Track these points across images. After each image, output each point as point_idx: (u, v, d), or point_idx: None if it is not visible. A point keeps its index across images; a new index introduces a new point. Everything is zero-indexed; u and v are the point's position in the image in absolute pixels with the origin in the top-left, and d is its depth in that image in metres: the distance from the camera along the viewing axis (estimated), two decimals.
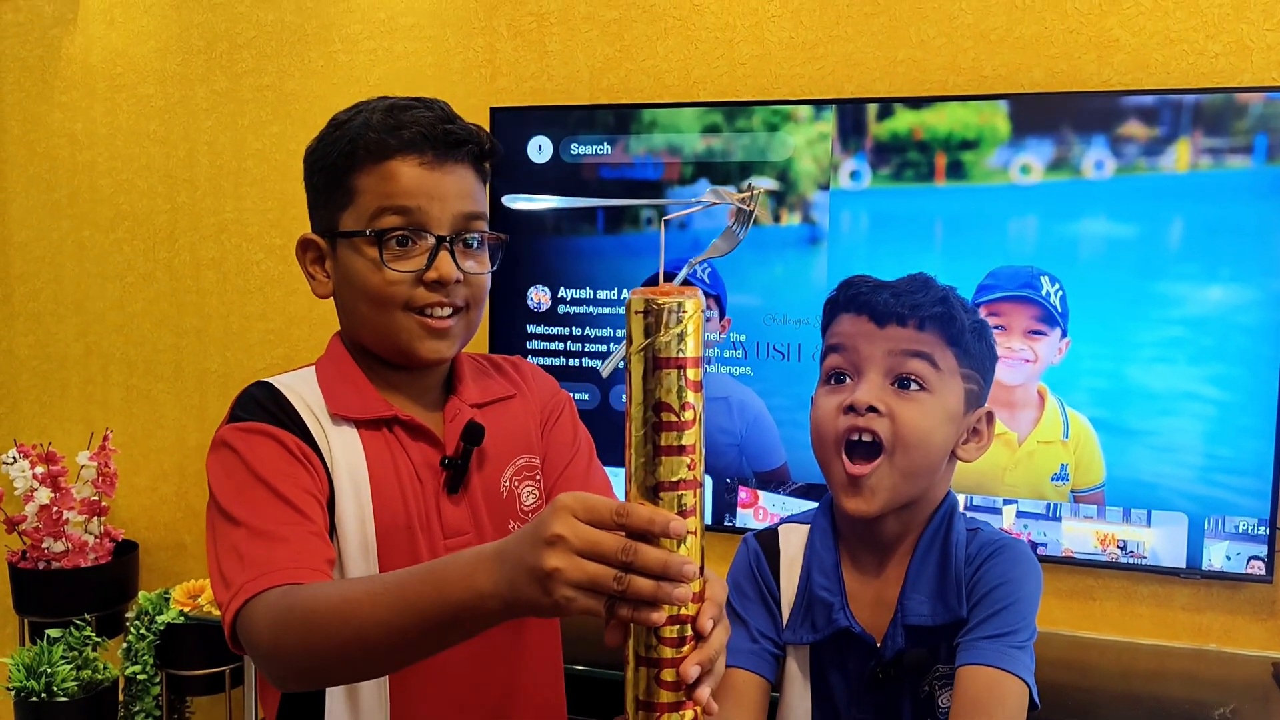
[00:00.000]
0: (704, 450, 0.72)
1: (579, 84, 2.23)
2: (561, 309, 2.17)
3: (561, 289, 2.17)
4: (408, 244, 1.04)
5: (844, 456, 1.05)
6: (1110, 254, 1.86)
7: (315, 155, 1.09)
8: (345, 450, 1.05)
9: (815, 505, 1.17)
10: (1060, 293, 1.89)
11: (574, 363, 2.16)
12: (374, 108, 1.07)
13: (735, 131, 2.04)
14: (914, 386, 1.05)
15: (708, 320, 2.07)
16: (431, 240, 1.04)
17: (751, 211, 0.77)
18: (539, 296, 2.18)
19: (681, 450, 0.70)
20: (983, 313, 1.91)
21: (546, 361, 2.17)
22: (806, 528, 1.13)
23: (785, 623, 1.11)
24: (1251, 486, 1.82)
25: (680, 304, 0.70)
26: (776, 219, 2.03)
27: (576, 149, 2.14)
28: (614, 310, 2.13)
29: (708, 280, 2.07)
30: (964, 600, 1.04)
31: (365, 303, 1.06)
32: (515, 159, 2.16)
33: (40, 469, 2.39)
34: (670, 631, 0.72)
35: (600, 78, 2.21)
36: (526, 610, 0.73)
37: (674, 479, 0.70)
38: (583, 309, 2.15)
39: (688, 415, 0.70)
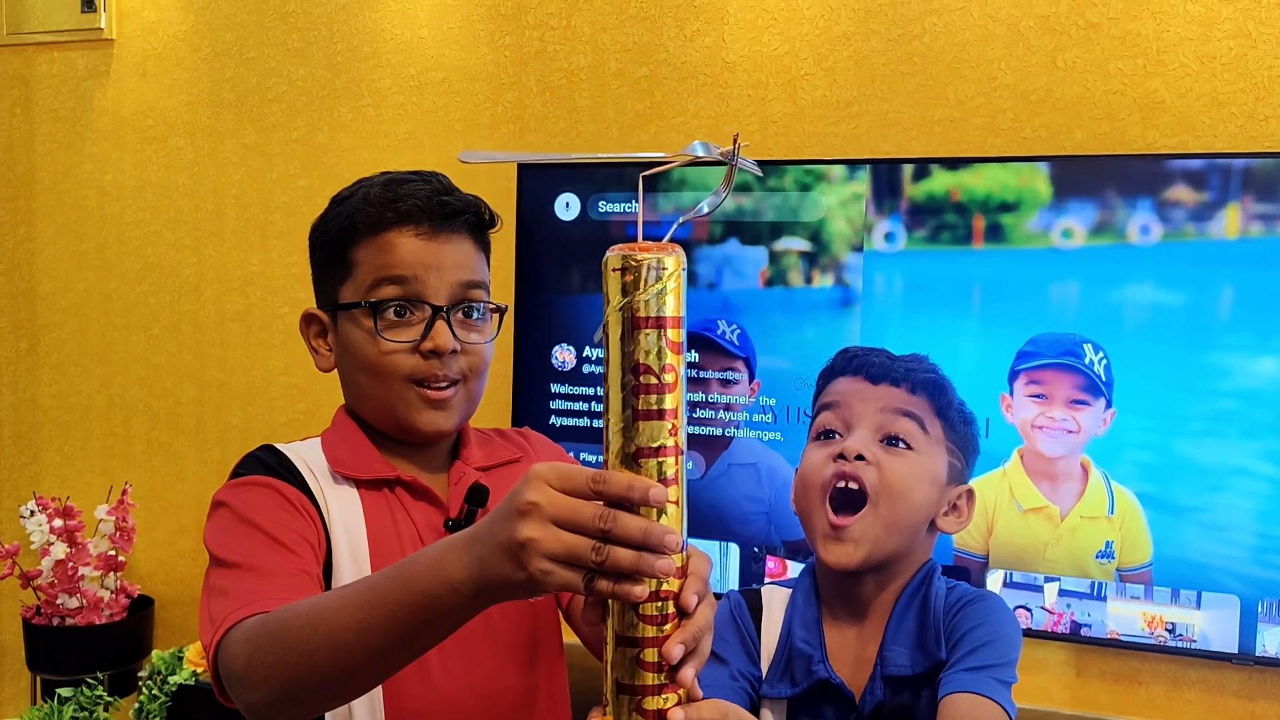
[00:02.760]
0: (686, 417, 0.69)
1: (609, 141, 2.20)
2: (586, 368, 2.12)
3: (586, 348, 2.12)
4: (405, 314, 1.04)
5: (828, 507, 1.05)
6: (1157, 322, 1.79)
7: (318, 231, 1.11)
8: (344, 509, 1.03)
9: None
10: (1104, 361, 1.81)
11: (599, 424, 2.10)
12: (373, 182, 1.08)
13: (766, 191, 2.00)
14: (901, 445, 1.06)
15: (735, 382, 2.01)
16: (429, 311, 1.04)
17: (733, 164, 0.73)
18: (563, 355, 2.13)
19: (662, 414, 0.66)
20: (1023, 380, 1.88)
21: (571, 422, 2.12)
22: (789, 591, 1.14)
23: (764, 676, 1.10)
24: None
25: (659, 260, 0.67)
26: (808, 280, 1.97)
27: (604, 206, 2.10)
28: None
29: (737, 342, 2.01)
30: (943, 644, 1.04)
31: (364, 374, 1.06)
32: (542, 216, 2.13)
33: (58, 522, 2.36)
34: (651, 609, 0.68)
35: (630, 134, 2.18)
36: (500, 591, 0.69)
37: (654, 445, 0.66)
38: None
39: (668, 378, 0.67)
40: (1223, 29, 1.82)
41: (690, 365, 2.04)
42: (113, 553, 2.42)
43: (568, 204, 2.13)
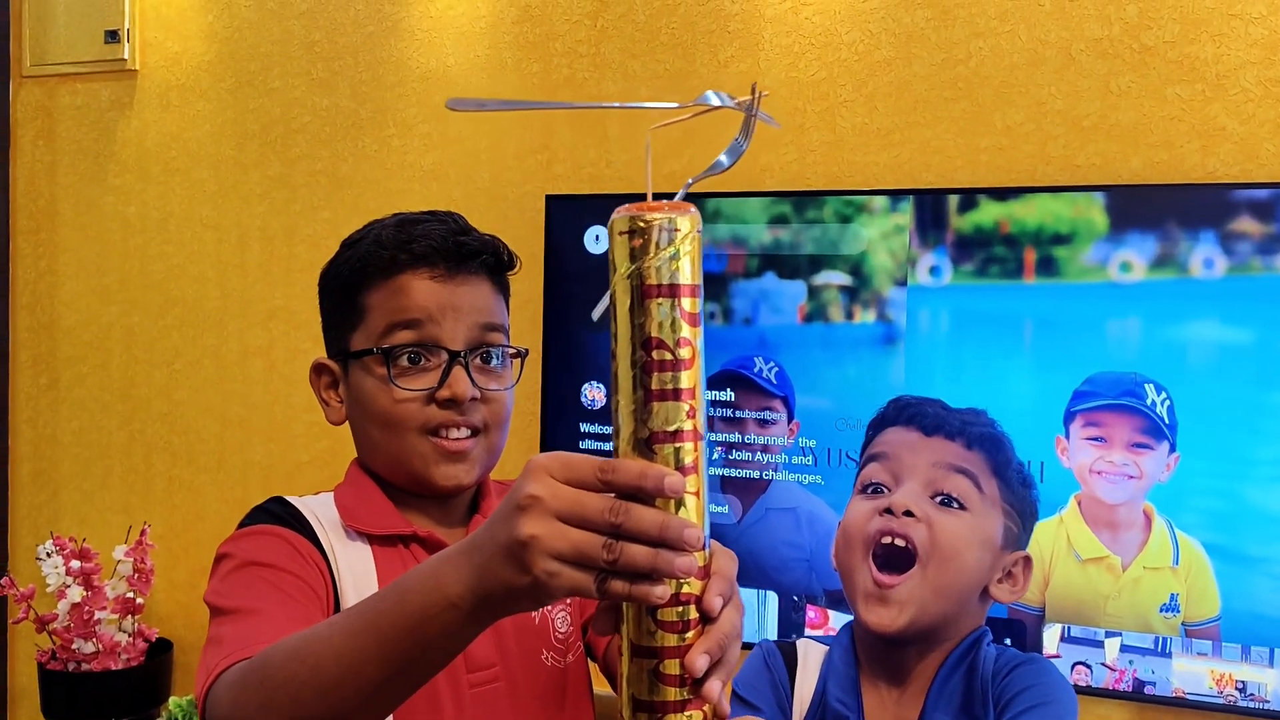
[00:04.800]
0: (705, 399, 0.61)
1: (640, 171, 2.12)
2: None
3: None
4: (419, 361, 0.99)
5: (872, 564, 0.99)
6: (1223, 360, 1.69)
7: (327, 276, 1.05)
8: (355, 565, 0.97)
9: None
10: (1167, 403, 1.71)
11: None
12: (385, 223, 1.03)
13: (804, 223, 1.92)
14: (954, 503, 0.99)
15: (773, 422, 1.93)
16: (445, 356, 0.98)
17: (752, 114, 0.68)
18: (593, 393, 2.05)
19: (678, 394, 0.59)
20: (1079, 422, 1.78)
21: None
22: (825, 648, 1.08)
23: None
24: None
25: (672, 220, 0.60)
26: (849, 316, 1.89)
27: None
28: None
29: (774, 380, 1.93)
30: (991, 709, 0.97)
31: (377, 426, 1.00)
32: (571, 249, 2.05)
33: (75, 564, 2.30)
34: (671, 614, 0.60)
35: (661, 165, 2.11)
36: (502, 601, 0.62)
37: (670, 428, 0.59)
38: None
39: (684, 353, 0.59)
40: None
41: (725, 404, 1.96)
42: (131, 595, 2.36)
43: (597, 236, 2.05)
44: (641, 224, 0.60)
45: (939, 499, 1.00)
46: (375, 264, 1.01)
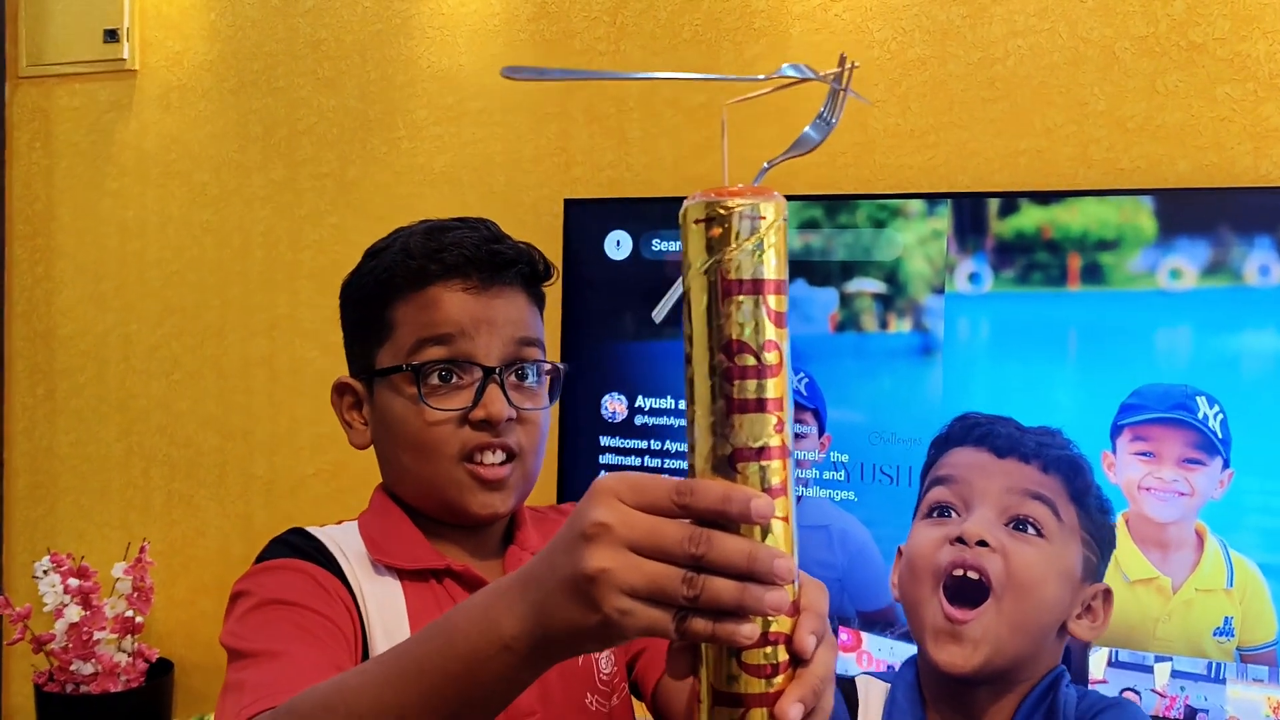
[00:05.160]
0: (792, 409, 0.55)
1: (662, 174, 2.05)
2: (639, 419, 1.96)
3: (639, 397, 1.96)
4: (451, 379, 0.92)
5: (943, 597, 0.92)
6: (1279, 372, 1.61)
7: (350, 289, 0.99)
8: (384, 602, 0.90)
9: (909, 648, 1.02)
10: (1220, 416, 1.63)
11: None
12: (412, 232, 0.96)
13: (836, 228, 1.84)
14: (1031, 530, 0.92)
15: (803, 436, 1.84)
16: (479, 374, 0.91)
17: (843, 90, 0.61)
18: (614, 405, 1.97)
19: (763, 405, 0.52)
20: (1127, 436, 1.70)
21: None
22: (887, 686, 1.01)
23: None
24: None
25: (755, 206, 0.53)
26: (884, 325, 1.81)
27: (659, 245, 1.95)
28: None
29: (805, 392, 1.85)
30: None
31: (406, 450, 0.93)
32: (591, 255, 1.97)
33: (72, 582, 2.22)
34: (758, 657, 0.53)
35: (685, 167, 2.03)
36: (565, 643, 0.55)
37: (755, 444, 0.52)
38: (663, 420, 1.94)
39: (770, 357, 0.53)
40: None
41: None
42: (130, 614, 2.27)
43: (618, 242, 1.97)
44: (721, 211, 0.53)
45: (1013, 525, 0.92)
46: (402, 275, 0.94)
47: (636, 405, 1.96)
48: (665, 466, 1.93)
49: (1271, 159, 1.69)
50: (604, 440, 1.98)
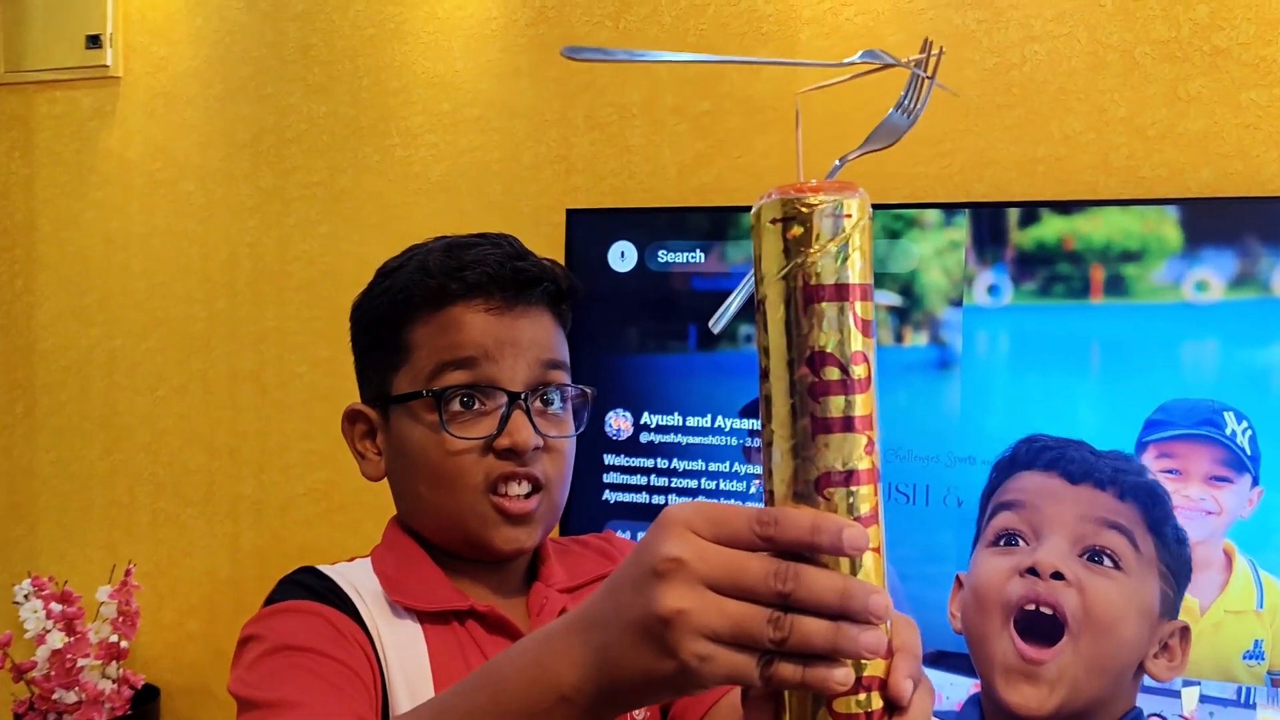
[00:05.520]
0: (879, 428, 0.50)
1: (665, 183, 1.99)
2: (644, 437, 1.90)
3: (645, 414, 1.89)
4: (473, 405, 0.86)
5: (1015, 633, 0.87)
6: None
7: (362, 310, 0.93)
8: (403, 646, 0.84)
9: (949, 679, 0.94)
10: (1249, 432, 1.58)
11: (658, 499, 1.88)
12: (430, 249, 0.91)
13: None
14: (1107, 563, 0.88)
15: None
16: (503, 399, 0.86)
17: (929, 79, 0.58)
18: (619, 423, 1.91)
19: (850, 424, 0.48)
20: (1152, 453, 1.65)
21: (627, 498, 1.89)
22: None
23: None
24: None
25: (839, 204, 0.48)
26: (899, 339, 1.75)
27: (664, 256, 1.89)
28: (706, 440, 1.85)
29: None
30: None
31: (425, 481, 0.88)
32: (594, 266, 1.91)
33: (55, 607, 2.13)
34: (851, 705, 0.48)
35: (690, 176, 1.97)
36: (633, 693, 0.50)
37: (844, 468, 0.48)
38: (669, 437, 1.88)
39: (858, 371, 0.48)
40: None
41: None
42: (115, 639, 2.19)
43: (623, 253, 1.91)
44: (802, 209, 0.48)
45: (1088, 557, 0.86)
46: (421, 294, 0.88)
47: (642, 422, 1.90)
48: (672, 486, 1.87)
49: None
50: (608, 459, 1.91)
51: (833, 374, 0.48)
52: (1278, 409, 1.58)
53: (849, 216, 0.48)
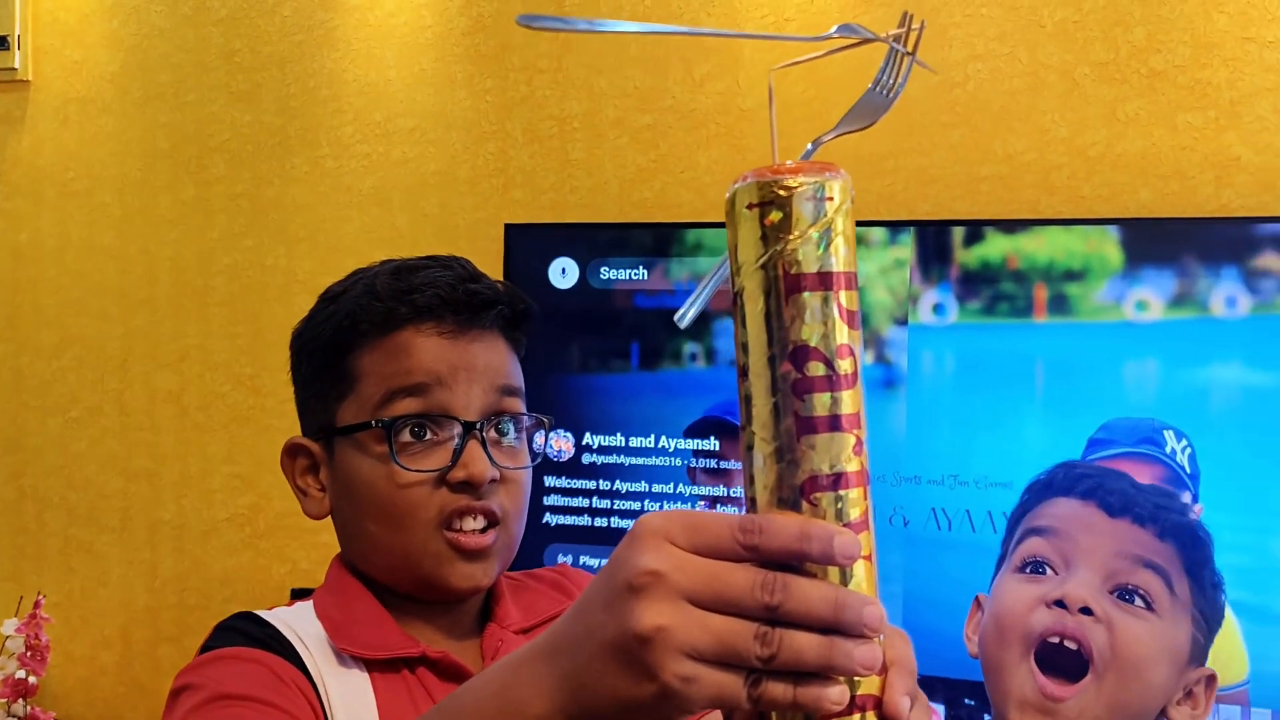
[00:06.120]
0: (867, 427, 0.47)
1: (606, 198, 1.95)
2: (587, 458, 1.85)
3: (587, 435, 1.85)
4: (424, 435, 0.82)
5: (1034, 665, 0.85)
6: (1248, 406, 1.58)
7: (303, 337, 0.88)
8: (350, 697, 0.79)
9: None
10: (1188, 451, 1.59)
11: (600, 522, 1.84)
12: (376, 272, 0.87)
13: None
14: (1139, 602, 0.85)
15: None
16: (456, 429, 0.82)
17: (909, 54, 0.53)
18: (560, 444, 1.86)
19: (837, 423, 0.45)
20: None
21: (568, 521, 1.84)
22: None
23: None
24: None
25: (821, 186, 0.45)
26: None
27: (607, 273, 1.85)
28: (649, 461, 1.81)
29: None
30: None
31: (374, 518, 0.83)
32: (534, 283, 1.86)
33: None
34: None
35: (631, 191, 1.94)
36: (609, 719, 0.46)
37: (831, 471, 0.44)
38: (612, 459, 1.84)
39: (844, 365, 0.45)
40: None
41: (710, 454, 1.78)
42: (23, 675, 2.07)
43: (564, 270, 1.86)
44: (780, 192, 0.45)
45: (1119, 594, 0.82)
46: (368, 318, 0.84)
47: (584, 443, 1.85)
48: (615, 508, 1.83)
49: (1233, 188, 1.67)
50: (549, 480, 1.86)
51: (817, 369, 0.45)
52: (1218, 428, 1.59)
53: (831, 199, 0.45)
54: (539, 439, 0.90)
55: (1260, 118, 1.66)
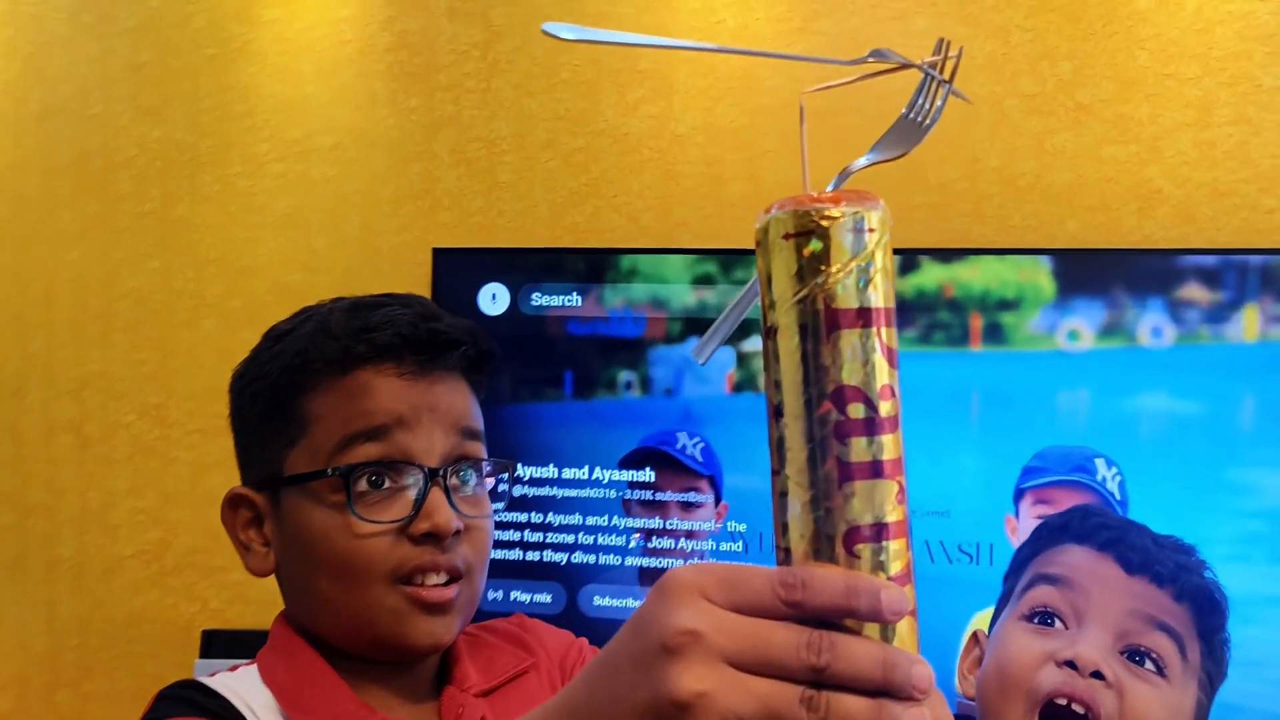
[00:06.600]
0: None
1: (537, 222, 1.90)
2: (518, 490, 1.80)
3: (519, 466, 1.80)
4: (382, 484, 0.77)
5: None
6: (1174, 434, 1.62)
7: (246, 378, 0.82)
8: None
9: None
10: (1118, 478, 1.62)
11: (533, 556, 1.78)
12: (329, 309, 0.81)
13: (732, 284, 1.75)
14: (1150, 665, 0.80)
15: (698, 505, 1.73)
16: (418, 476, 0.77)
17: (946, 81, 0.53)
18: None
19: (879, 469, 0.42)
20: (1029, 500, 1.67)
21: (499, 555, 1.78)
22: None
23: None
24: None
25: (860, 216, 0.43)
26: None
27: (539, 299, 1.80)
28: (583, 493, 1.77)
29: (700, 458, 1.73)
30: None
31: (327, 574, 0.77)
32: (464, 309, 1.80)
33: None
34: None
35: (562, 215, 1.90)
36: None
37: (873, 520, 0.42)
38: (545, 491, 1.79)
39: (886, 408, 0.43)
40: (1222, 114, 1.69)
41: (645, 486, 1.75)
42: None
43: (494, 295, 1.81)
44: (821, 222, 0.43)
45: (1129, 654, 0.80)
46: (322, 358, 0.78)
47: (515, 475, 1.80)
48: (548, 542, 1.78)
49: (1155, 220, 1.71)
50: None
51: (859, 412, 0.42)
52: (1146, 456, 1.62)
53: (872, 231, 0.43)
54: (502, 483, 0.85)
55: (1180, 152, 1.70)
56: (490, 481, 0.85)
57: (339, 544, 0.76)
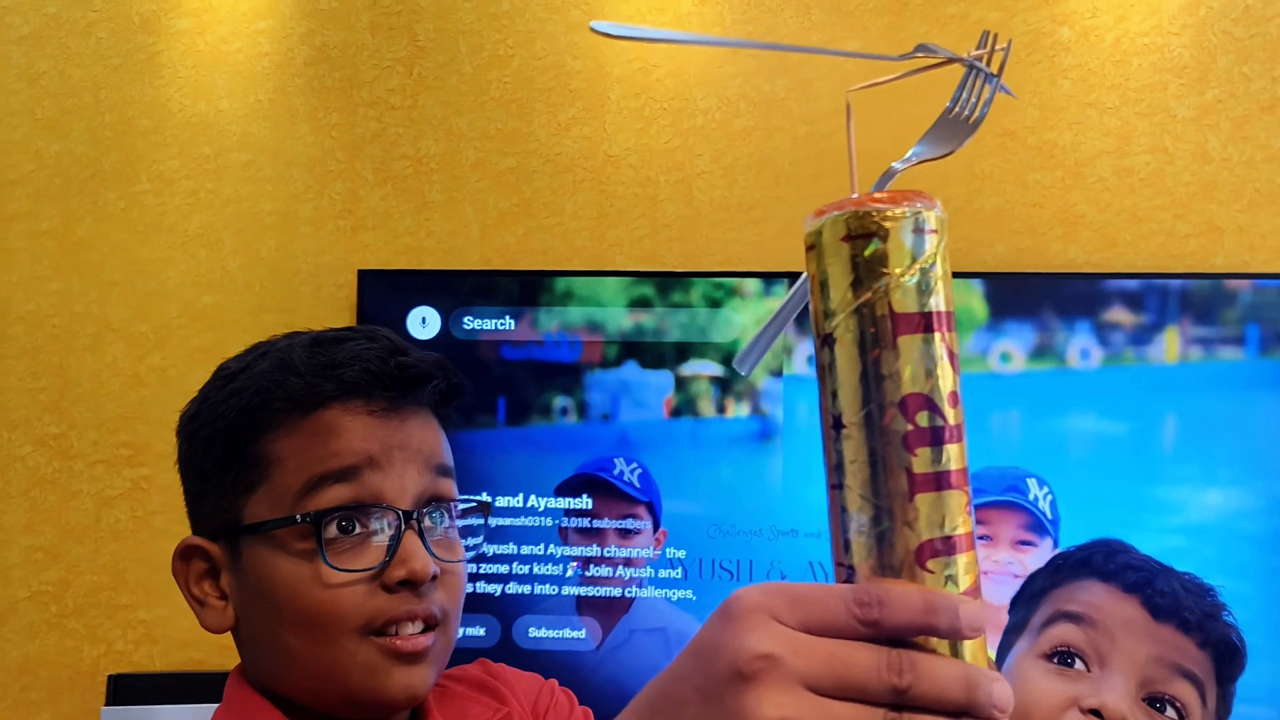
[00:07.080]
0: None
1: (467, 243, 1.85)
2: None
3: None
4: (353, 529, 0.72)
5: None
6: (1102, 453, 1.66)
7: (198, 420, 0.76)
8: None
9: None
10: (1050, 497, 1.66)
11: (466, 588, 1.72)
12: (289, 344, 0.77)
13: (670, 306, 1.72)
14: (1170, 712, 0.79)
15: (636, 531, 1.70)
16: (390, 519, 0.73)
17: (994, 75, 0.51)
18: None
19: (947, 480, 0.41)
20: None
21: None
22: None
23: None
24: (1268, 716, 1.62)
25: (921, 216, 0.41)
26: (721, 410, 1.71)
27: (471, 323, 1.75)
28: (518, 521, 1.72)
29: (638, 484, 1.71)
30: None
31: (294, 628, 0.72)
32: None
33: None
34: None
35: (493, 236, 1.85)
36: None
37: (944, 533, 0.40)
38: (478, 520, 1.73)
39: (953, 415, 0.41)
40: (1139, 143, 1.75)
41: (581, 513, 1.71)
42: None
43: (424, 319, 1.76)
44: (882, 223, 0.40)
45: (1150, 701, 0.78)
46: (284, 397, 0.73)
47: (489, 514, 1.74)
48: (482, 572, 1.72)
49: (1079, 244, 1.76)
50: None
51: (927, 420, 0.40)
52: (1075, 474, 1.66)
53: (933, 232, 0.41)
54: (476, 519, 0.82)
55: (1101, 178, 1.75)
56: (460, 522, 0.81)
57: (308, 595, 0.71)
